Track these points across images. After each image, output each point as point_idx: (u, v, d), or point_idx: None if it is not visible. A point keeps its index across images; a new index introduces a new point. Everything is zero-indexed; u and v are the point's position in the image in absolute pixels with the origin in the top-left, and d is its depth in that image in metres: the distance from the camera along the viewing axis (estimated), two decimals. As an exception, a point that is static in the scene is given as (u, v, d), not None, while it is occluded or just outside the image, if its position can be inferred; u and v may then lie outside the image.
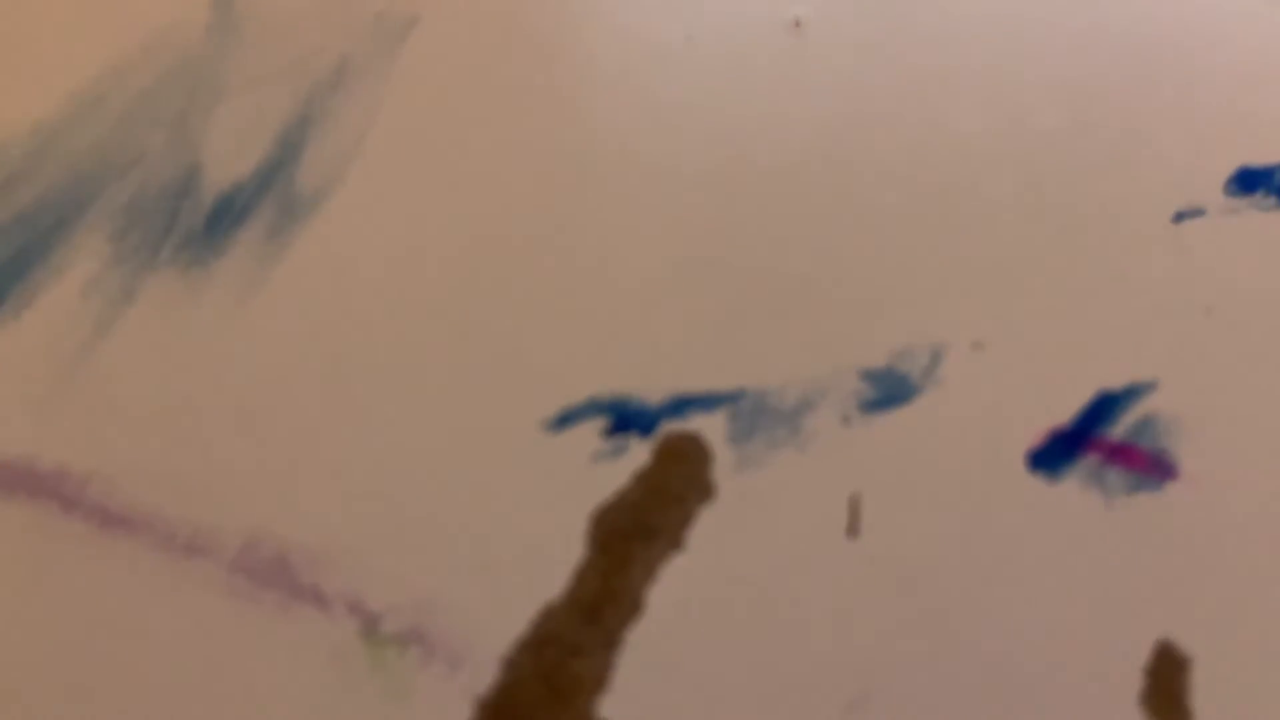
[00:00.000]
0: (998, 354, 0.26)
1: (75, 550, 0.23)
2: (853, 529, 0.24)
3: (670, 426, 0.25)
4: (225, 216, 0.27)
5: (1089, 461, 0.24)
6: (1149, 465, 0.24)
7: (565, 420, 0.25)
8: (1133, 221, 0.27)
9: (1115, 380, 0.25)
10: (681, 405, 0.25)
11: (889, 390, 0.25)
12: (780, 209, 0.28)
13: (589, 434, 0.25)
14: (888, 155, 0.28)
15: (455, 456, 0.24)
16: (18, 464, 0.24)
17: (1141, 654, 0.23)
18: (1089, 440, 0.25)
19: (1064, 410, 0.25)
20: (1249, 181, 0.28)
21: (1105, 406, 0.25)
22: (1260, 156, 0.28)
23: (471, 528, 0.24)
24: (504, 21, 0.30)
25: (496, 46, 0.30)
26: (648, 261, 0.27)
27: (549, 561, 0.23)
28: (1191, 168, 0.28)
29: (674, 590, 0.23)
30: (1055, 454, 0.25)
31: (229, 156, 0.28)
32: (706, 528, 0.24)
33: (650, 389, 0.25)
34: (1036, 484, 0.24)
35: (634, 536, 0.23)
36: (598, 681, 0.22)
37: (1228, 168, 0.28)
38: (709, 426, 0.25)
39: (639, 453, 0.24)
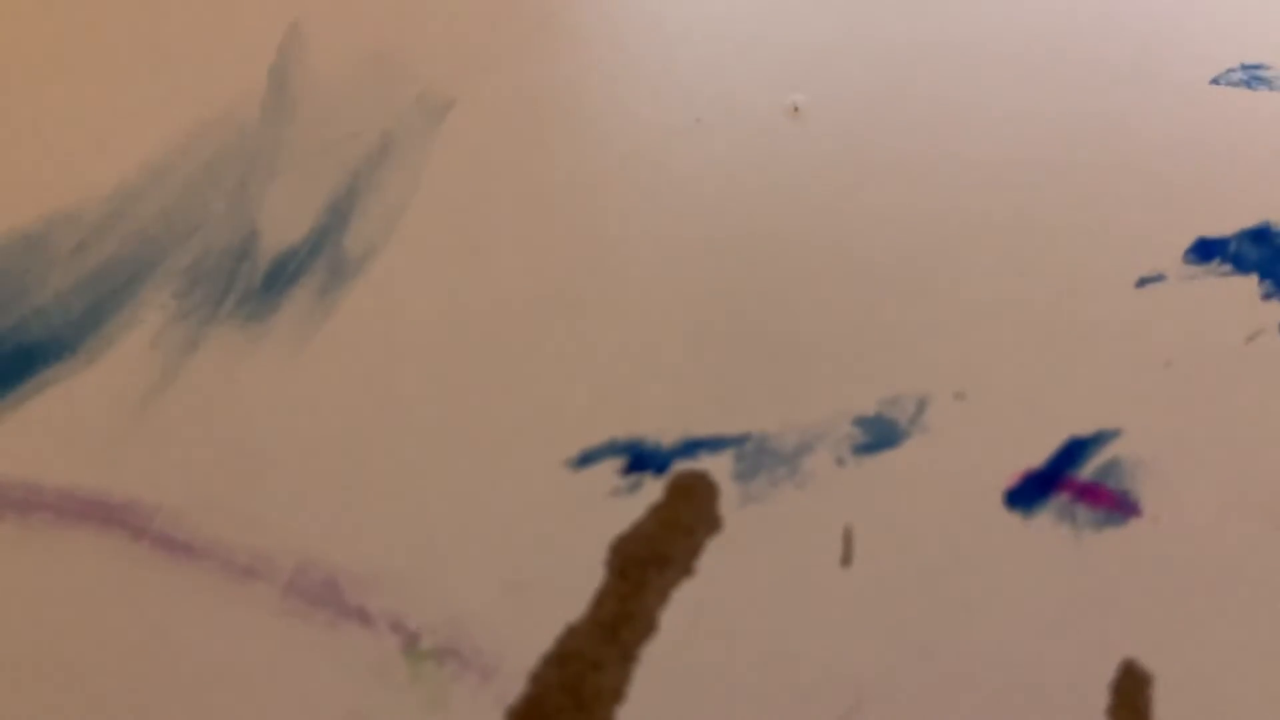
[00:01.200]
0: (978, 403, 0.28)
1: (143, 574, 0.25)
2: (846, 558, 0.26)
3: (681, 466, 0.26)
4: (280, 277, 0.29)
5: (1060, 500, 0.26)
6: (1114, 503, 0.26)
7: (587, 460, 0.26)
8: (1100, 286, 0.29)
9: (1084, 427, 0.27)
10: (692, 447, 0.27)
11: (879, 435, 0.27)
12: (780, 274, 0.30)
13: (608, 472, 0.26)
14: (878, 226, 0.30)
15: (488, 491, 0.26)
16: (92, 496, 0.26)
17: (1108, 672, 0.24)
18: (1060, 481, 0.26)
19: (1038, 454, 0.27)
20: (1206, 251, 0.30)
21: (1075, 451, 0.27)
22: (1216, 228, 0.30)
23: (502, 555, 0.25)
24: (531, 105, 0.32)
25: (524, 126, 0.32)
26: (661, 319, 0.29)
27: (572, 585, 0.25)
28: (1153, 238, 0.30)
29: (684, 612, 0.25)
30: (1030, 493, 0.26)
31: (283, 223, 0.30)
32: (714, 556, 0.25)
33: (664, 432, 0.27)
34: (1013, 520, 0.26)
35: (649, 564, 0.25)
36: (615, 694, 0.24)
37: (1186, 238, 0.30)
38: (716, 466, 0.26)
39: (653, 489, 0.26)
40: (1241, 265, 0.30)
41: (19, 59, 0.33)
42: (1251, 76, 0.34)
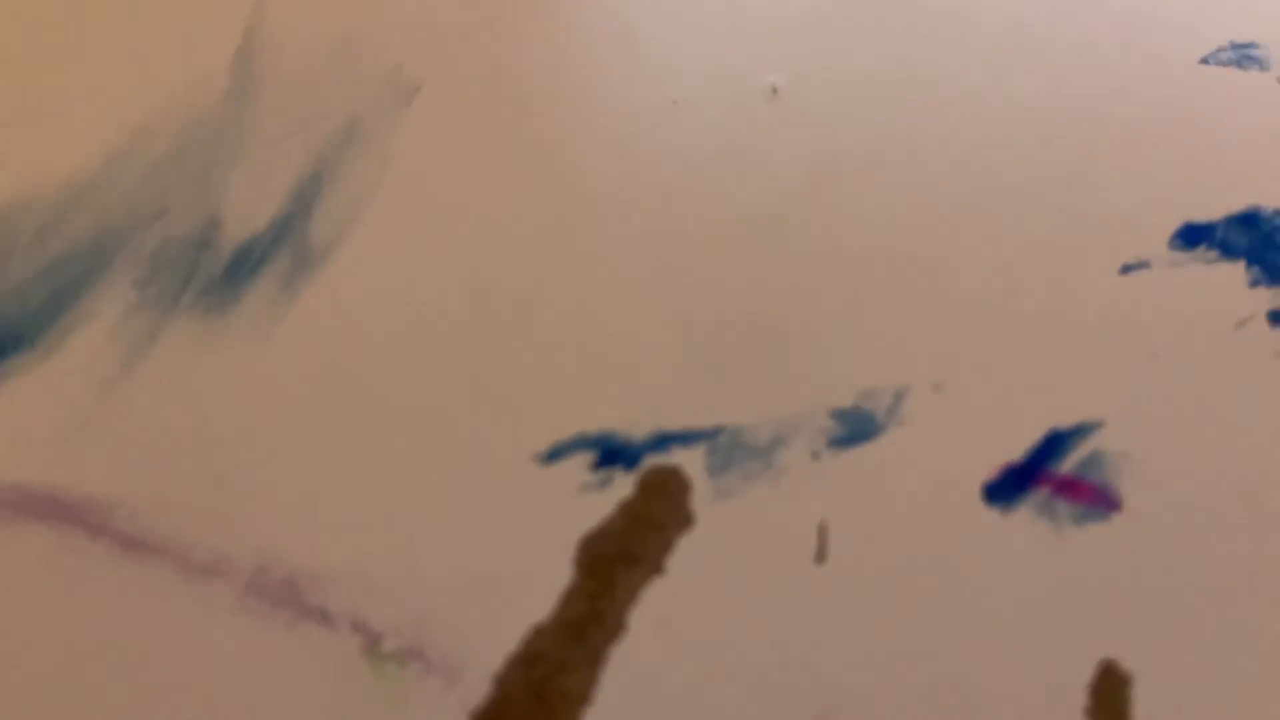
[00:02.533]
0: (956, 395, 0.27)
1: (101, 573, 0.24)
2: (821, 555, 0.25)
3: (653, 460, 0.26)
4: (243, 266, 0.28)
5: (1040, 494, 0.26)
6: (1095, 498, 0.26)
7: (556, 454, 0.26)
8: (1083, 273, 0.29)
9: (1065, 419, 0.27)
10: (663, 441, 0.26)
11: (856, 428, 0.27)
12: (756, 261, 0.29)
13: (578, 467, 0.26)
14: (856, 212, 0.30)
15: (453, 487, 0.25)
16: (48, 493, 0.25)
17: (1087, 672, 0.24)
18: (1040, 474, 0.26)
19: (1017, 447, 0.26)
20: (1192, 236, 0.30)
21: (1055, 443, 0.26)
22: (1203, 213, 0.30)
23: (467, 553, 0.25)
24: (503, 87, 0.32)
25: (495, 109, 0.31)
26: (633, 308, 0.28)
27: (539, 584, 0.24)
28: (1138, 223, 0.30)
29: (655, 611, 0.24)
30: (1009, 487, 0.26)
31: (246, 210, 0.29)
32: (686, 554, 0.25)
33: (634, 426, 0.26)
34: (991, 515, 0.26)
35: (618, 561, 0.25)
36: (583, 696, 0.23)
37: (1172, 223, 0.30)
38: (689, 461, 0.26)
39: (623, 485, 0.26)
40: (1229, 251, 0.29)
41: (-25, 41, 0.32)
42: (1241, 55, 0.33)
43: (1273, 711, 0.24)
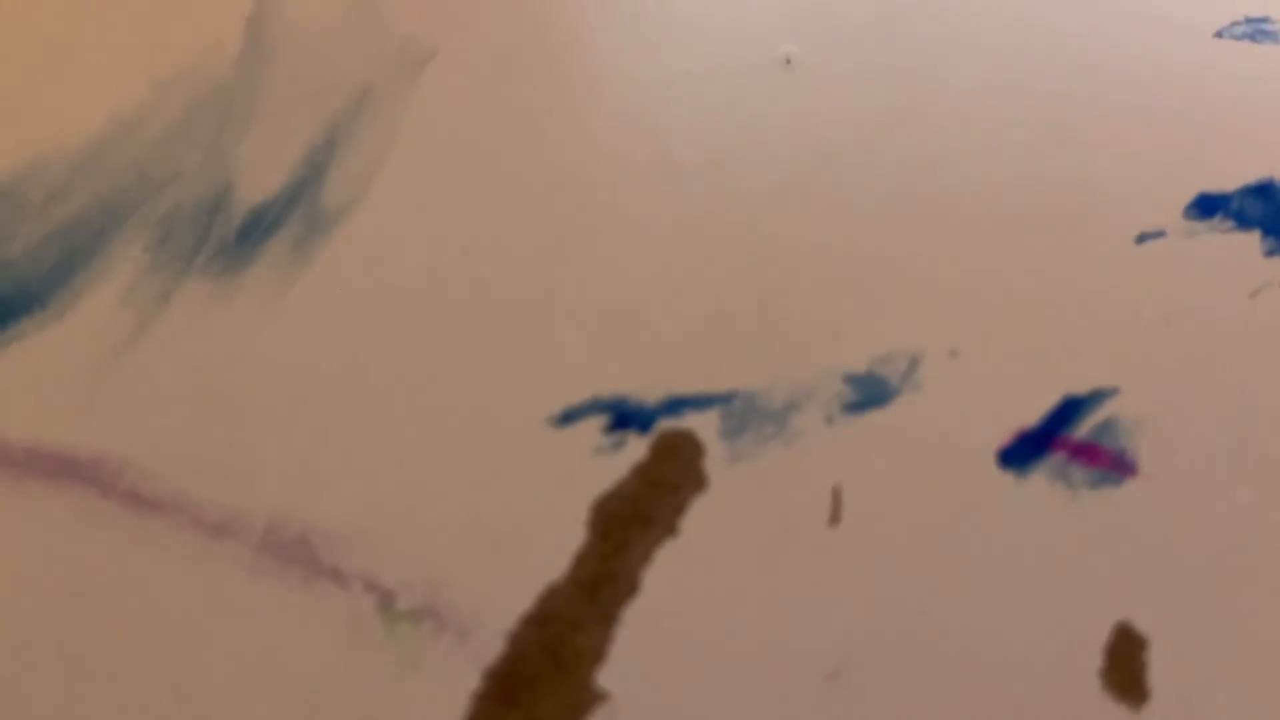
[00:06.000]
0: (971, 361, 0.27)
1: (112, 532, 0.24)
2: (834, 518, 0.25)
3: (666, 424, 0.26)
4: (255, 230, 0.29)
5: (1055, 459, 0.26)
6: (1110, 463, 0.26)
7: (569, 417, 0.26)
8: (1099, 242, 0.29)
9: (1080, 385, 0.27)
10: (677, 405, 0.26)
11: (870, 393, 0.27)
12: (770, 227, 0.29)
13: (591, 430, 0.26)
14: (869, 179, 0.30)
15: (468, 448, 0.25)
16: (61, 453, 0.25)
17: (1102, 634, 0.24)
18: (1055, 440, 0.26)
19: (1032, 412, 0.26)
20: (1208, 206, 0.30)
21: (1071, 409, 0.26)
22: (1218, 183, 0.30)
23: (481, 513, 0.25)
24: (515, 55, 0.32)
25: (507, 78, 0.31)
26: (647, 273, 0.28)
27: (553, 545, 0.24)
28: (1154, 194, 0.30)
29: (668, 572, 0.24)
30: (1024, 452, 0.26)
31: (259, 175, 0.29)
32: (699, 516, 0.25)
33: (648, 390, 0.26)
34: (1006, 479, 0.25)
35: (631, 523, 0.25)
36: (596, 654, 0.23)
37: (1188, 194, 0.30)
38: (702, 424, 0.26)
39: (637, 448, 0.26)
40: (1244, 221, 0.29)
41: (-12, 6, 0.32)
42: (1256, 29, 0.33)
43: (1289, 674, 0.24)
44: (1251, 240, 0.29)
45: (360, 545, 0.24)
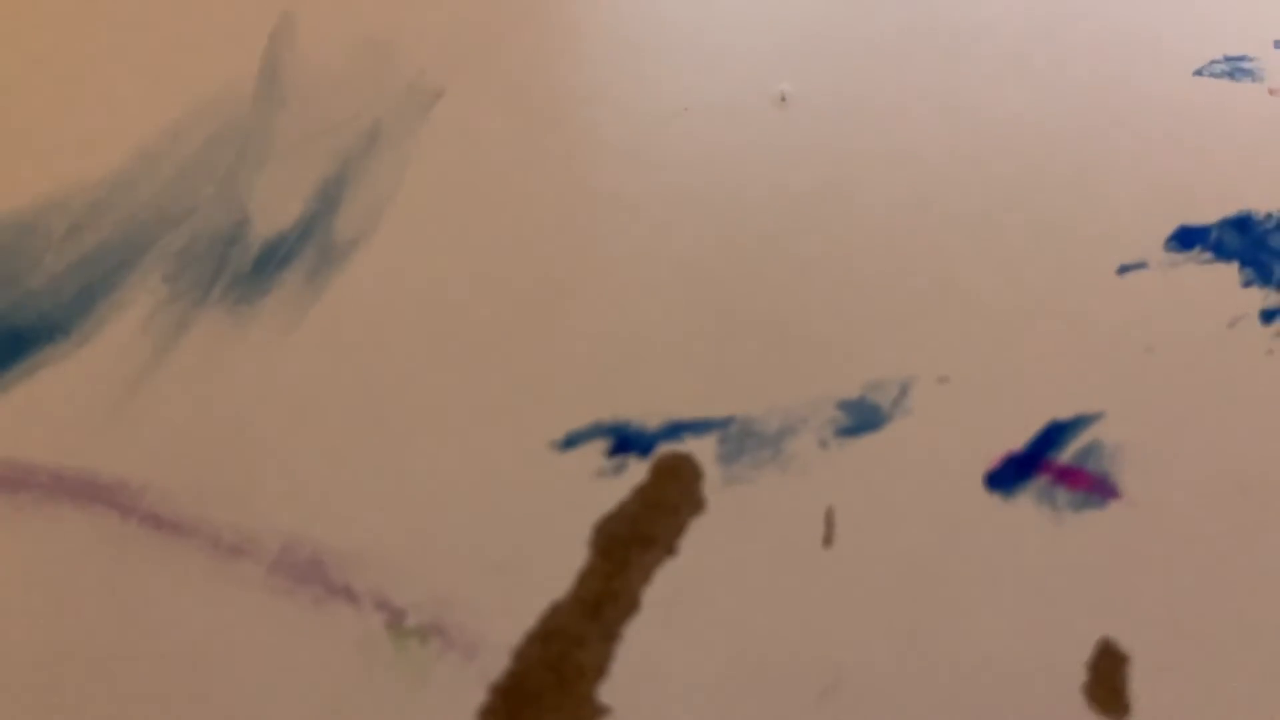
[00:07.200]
0: (960, 387, 0.28)
1: (131, 552, 0.25)
2: (828, 539, 0.26)
3: (666, 448, 0.27)
4: (270, 262, 0.29)
5: (1040, 482, 0.26)
6: (1094, 486, 0.27)
7: (572, 441, 0.27)
8: (1082, 273, 0.30)
9: (1065, 411, 0.27)
10: (676, 429, 0.27)
11: (862, 418, 0.27)
12: (766, 259, 0.30)
13: (593, 454, 0.27)
14: (862, 212, 0.31)
15: (474, 471, 0.26)
16: (82, 476, 0.26)
17: (1085, 650, 0.24)
18: (1040, 464, 0.27)
19: (1018, 437, 0.27)
20: (1187, 239, 0.30)
21: (1055, 434, 0.27)
22: (1198, 216, 0.31)
23: (487, 534, 0.25)
24: (519, 93, 0.33)
25: (512, 115, 0.32)
26: (646, 304, 0.29)
27: (556, 564, 0.25)
28: (1135, 226, 0.31)
29: (667, 590, 0.25)
30: (1010, 475, 0.27)
31: (274, 209, 0.30)
32: (697, 536, 0.26)
33: (649, 415, 0.27)
34: (993, 501, 0.26)
35: (632, 543, 0.25)
36: (598, 670, 0.24)
37: (1169, 226, 0.31)
38: (701, 449, 0.27)
39: (638, 471, 0.26)
40: (1223, 253, 0.30)
41: (10, 46, 0.33)
42: (1234, 67, 0.34)
43: (1259, 689, 0.24)
44: (1230, 271, 0.30)
45: (370, 565, 0.25)
